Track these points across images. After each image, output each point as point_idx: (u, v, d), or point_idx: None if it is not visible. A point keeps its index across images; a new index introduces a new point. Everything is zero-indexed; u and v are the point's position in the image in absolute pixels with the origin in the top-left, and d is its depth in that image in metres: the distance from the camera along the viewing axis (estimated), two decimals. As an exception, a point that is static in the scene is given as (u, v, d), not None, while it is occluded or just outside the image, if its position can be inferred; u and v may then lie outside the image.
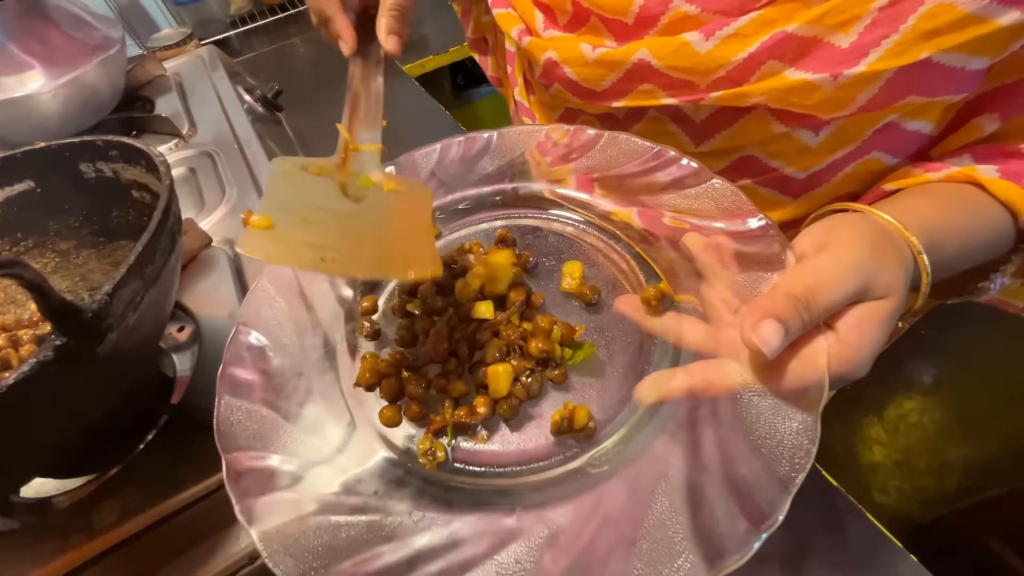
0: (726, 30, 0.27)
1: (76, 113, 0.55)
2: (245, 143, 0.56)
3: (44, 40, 0.51)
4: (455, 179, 0.35)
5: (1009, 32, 0.23)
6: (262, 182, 0.50)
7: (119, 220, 0.36)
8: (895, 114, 0.30)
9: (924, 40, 0.24)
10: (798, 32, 0.26)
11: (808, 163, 0.32)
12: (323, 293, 0.31)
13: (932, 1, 0.23)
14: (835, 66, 0.26)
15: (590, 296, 0.27)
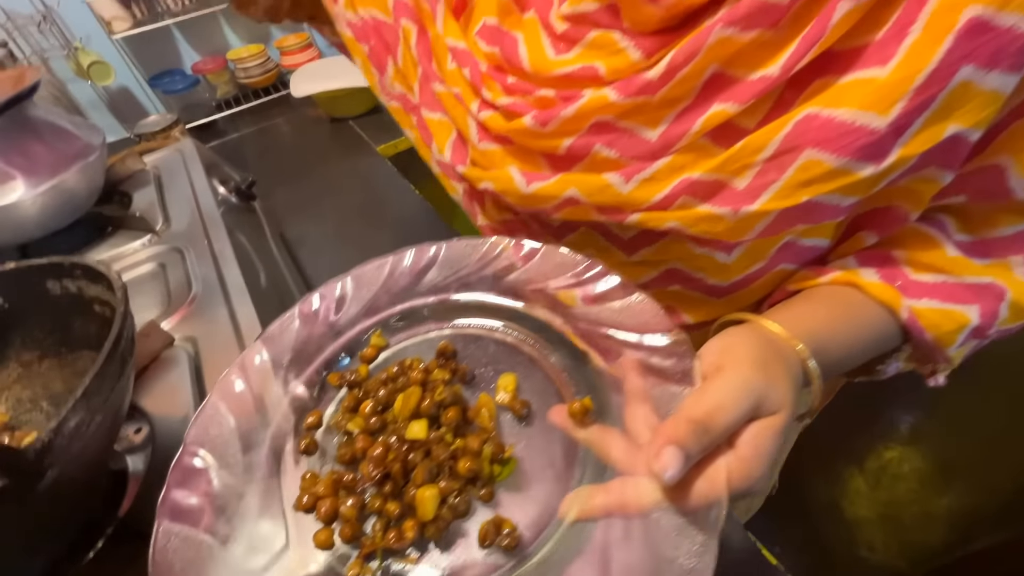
0: (643, 174, 0.31)
1: (54, 215, 0.59)
2: (214, 240, 0.59)
3: (26, 152, 0.55)
4: (405, 290, 0.37)
5: (870, 180, 0.27)
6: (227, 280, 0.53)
7: (81, 332, 0.39)
8: (791, 235, 0.34)
9: (802, 187, 0.28)
10: (703, 178, 0.30)
11: (726, 276, 0.36)
12: (278, 398, 0.33)
13: (805, 156, 0.27)
14: (735, 204, 0.29)
15: (520, 410, 0.29)
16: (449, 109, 0.40)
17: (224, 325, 0.48)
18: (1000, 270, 0.32)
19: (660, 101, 0.29)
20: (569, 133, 0.32)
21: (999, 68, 0.23)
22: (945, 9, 0.23)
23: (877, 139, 0.25)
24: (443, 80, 0.39)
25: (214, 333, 0.48)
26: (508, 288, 0.35)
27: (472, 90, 0.37)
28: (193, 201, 0.68)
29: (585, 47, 0.32)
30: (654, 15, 0.28)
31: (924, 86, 0.24)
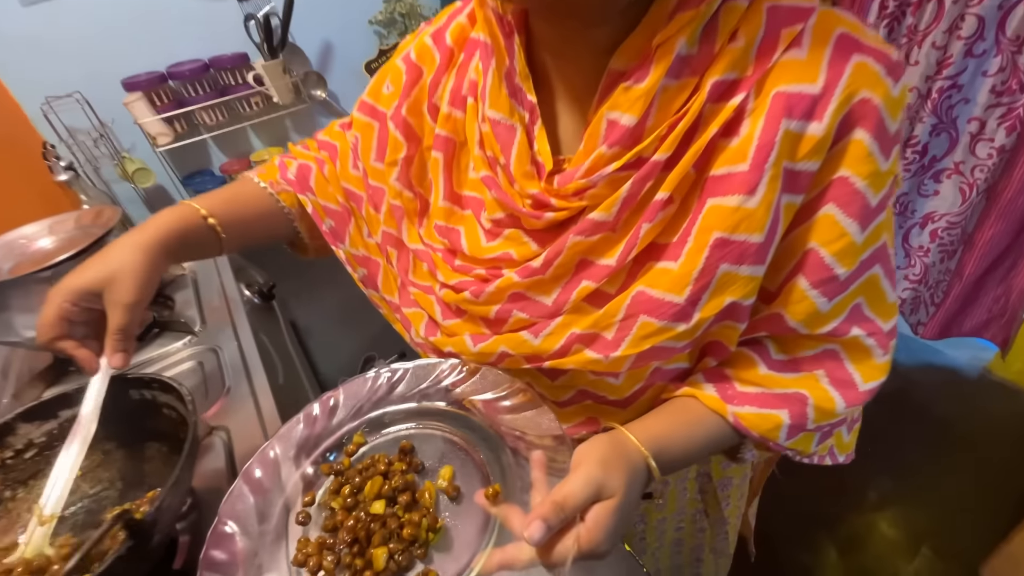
0: (546, 330, 0.44)
1: (116, 322, 0.74)
2: (243, 341, 0.73)
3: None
4: (381, 399, 0.51)
5: (686, 332, 0.40)
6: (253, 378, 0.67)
7: (150, 428, 0.52)
8: (656, 364, 0.46)
9: (644, 339, 0.41)
10: (584, 332, 0.43)
11: (620, 393, 0.48)
12: (285, 481, 0.46)
13: (641, 319, 0.40)
14: (606, 351, 0.42)
15: (452, 493, 0.42)
16: (421, 302, 0.52)
17: (251, 416, 0.62)
18: (808, 381, 0.44)
19: (549, 278, 0.43)
20: (494, 302, 0.46)
21: (746, 263, 0.38)
22: (703, 230, 0.38)
23: (680, 309, 0.39)
24: (415, 284, 0.52)
25: (243, 422, 0.61)
26: (454, 399, 0.49)
27: (431, 276, 0.50)
28: (225, 304, 0.83)
29: (503, 239, 0.46)
30: (537, 225, 0.43)
31: (699, 277, 0.38)
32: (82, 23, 1.33)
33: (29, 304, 0.66)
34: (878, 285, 0.42)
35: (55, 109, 1.28)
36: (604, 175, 0.38)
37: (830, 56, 0.35)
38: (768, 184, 0.35)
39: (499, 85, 0.42)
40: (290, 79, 1.54)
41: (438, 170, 0.49)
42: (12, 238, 0.74)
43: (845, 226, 0.37)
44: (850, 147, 0.36)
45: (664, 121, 0.36)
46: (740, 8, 0.35)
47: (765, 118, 0.35)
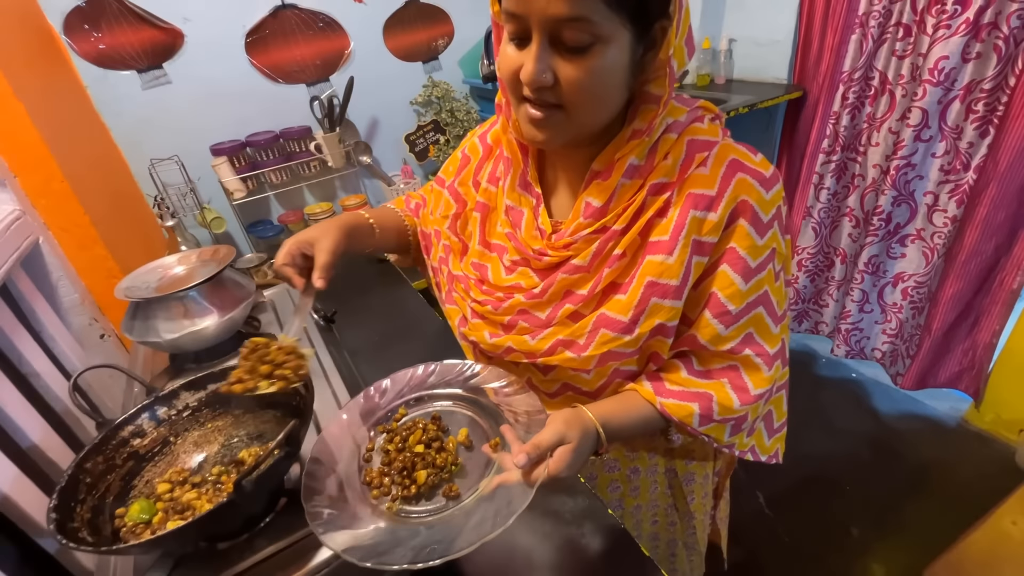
0: (539, 335, 0.63)
1: (222, 335, 0.96)
2: (318, 352, 0.95)
3: (220, 297, 0.94)
4: (418, 386, 0.71)
5: (631, 342, 0.59)
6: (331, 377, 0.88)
7: (270, 399, 0.73)
8: (616, 365, 0.62)
9: (604, 344, 0.59)
10: (564, 338, 0.61)
11: (591, 386, 0.65)
12: (353, 434, 0.66)
13: (601, 331, 0.59)
14: (578, 352, 0.61)
15: (467, 443, 0.62)
16: (459, 303, 0.73)
17: (330, 402, 0.83)
18: (715, 386, 0.62)
19: (545, 301, 0.63)
20: (508, 314, 0.66)
21: (668, 298, 0.58)
22: (641, 275, 0.58)
23: (626, 325, 0.59)
24: (455, 291, 0.73)
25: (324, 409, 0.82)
26: (470, 387, 0.70)
27: (466, 294, 0.71)
28: (300, 325, 1.06)
29: (517, 274, 0.66)
30: (540, 266, 0.64)
31: (637, 304, 0.58)
32: (184, 102, 1.65)
33: (169, 315, 0.89)
34: (763, 321, 0.61)
35: (157, 169, 1.58)
36: (581, 235, 0.59)
37: (723, 173, 0.56)
38: (681, 248, 0.56)
39: (513, 184, 0.66)
40: (343, 147, 1.84)
41: (476, 225, 0.71)
42: (154, 266, 0.98)
43: (734, 279, 0.58)
44: (736, 230, 0.57)
45: (620, 205, 0.58)
46: (671, 139, 0.58)
47: (681, 208, 0.56)
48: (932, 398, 2.01)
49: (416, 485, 0.57)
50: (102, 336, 1.11)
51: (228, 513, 0.52)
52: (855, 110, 1.88)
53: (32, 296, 0.94)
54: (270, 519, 0.63)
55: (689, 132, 0.58)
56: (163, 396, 0.70)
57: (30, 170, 1.02)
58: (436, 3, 1.94)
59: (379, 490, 0.58)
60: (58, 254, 1.05)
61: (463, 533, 0.50)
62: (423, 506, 0.57)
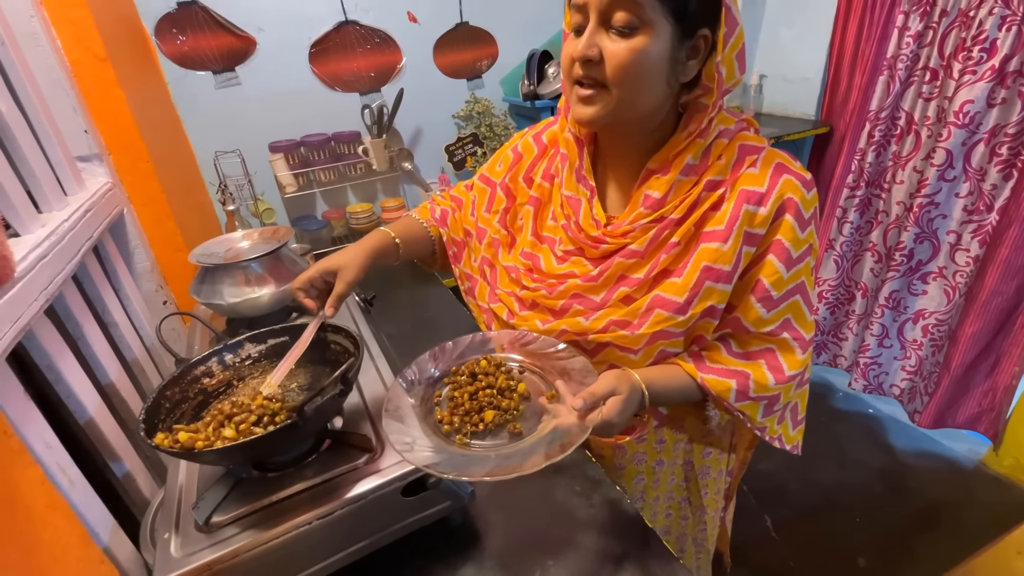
0: (592, 316, 0.70)
1: (275, 304, 1.06)
2: (361, 327, 1.04)
3: (276, 269, 1.05)
4: (477, 347, 0.78)
5: (683, 322, 0.66)
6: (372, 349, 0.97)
7: (321, 356, 0.82)
8: (663, 346, 0.68)
9: (657, 323, 0.66)
10: (618, 319, 0.68)
11: (637, 367, 0.68)
12: (419, 383, 0.74)
13: (656, 312, 0.66)
14: (632, 330, 0.67)
15: (527, 395, 0.68)
16: (504, 300, 0.80)
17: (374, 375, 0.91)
18: (752, 365, 0.68)
19: (600, 284, 0.70)
20: (562, 298, 0.73)
21: (721, 282, 0.65)
22: (696, 261, 0.65)
23: (681, 305, 0.65)
24: (501, 289, 0.80)
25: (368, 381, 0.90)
26: (526, 351, 0.77)
27: (515, 283, 0.78)
28: (346, 304, 1.15)
29: (569, 263, 0.74)
30: (595, 254, 0.71)
31: (693, 287, 0.65)
32: (250, 102, 1.80)
33: (234, 281, 1.00)
34: (800, 308, 0.67)
35: (220, 160, 1.73)
36: (640, 224, 0.67)
37: (771, 173, 0.64)
38: (734, 238, 0.63)
39: (571, 176, 0.73)
40: (388, 153, 1.97)
41: (528, 218, 0.78)
42: (223, 239, 1.09)
43: (778, 267, 0.64)
44: (782, 223, 0.64)
45: (678, 197, 0.65)
46: (723, 143, 0.65)
47: (735, 202, 0.63)
48: (949, 438, 1.99)
49: (484, 423, 0.63)
50: (164, 302, 1.23)
51: (289, 435, 0.61)
52: (880, 148, 1.93)
53: (115, 258, 1.06)
54: (315, 457, 0.72)
55: (739, 138, 0.66)
56: (231, 344, 0.79)
57: (122, 149, 1.15)
58: (484, 27, 2.08)
59: (449, 426, 0.64)
60: (137, 225, 1.18)
61: (528, 458, 0.56)
62: (490, 441, 0.62)
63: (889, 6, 1.87)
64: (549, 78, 1.82)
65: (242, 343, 0.80)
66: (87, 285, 0.92)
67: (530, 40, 2.05)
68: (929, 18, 1.71)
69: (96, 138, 1.08)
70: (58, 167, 0.95)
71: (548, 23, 2.10)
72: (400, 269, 1.79)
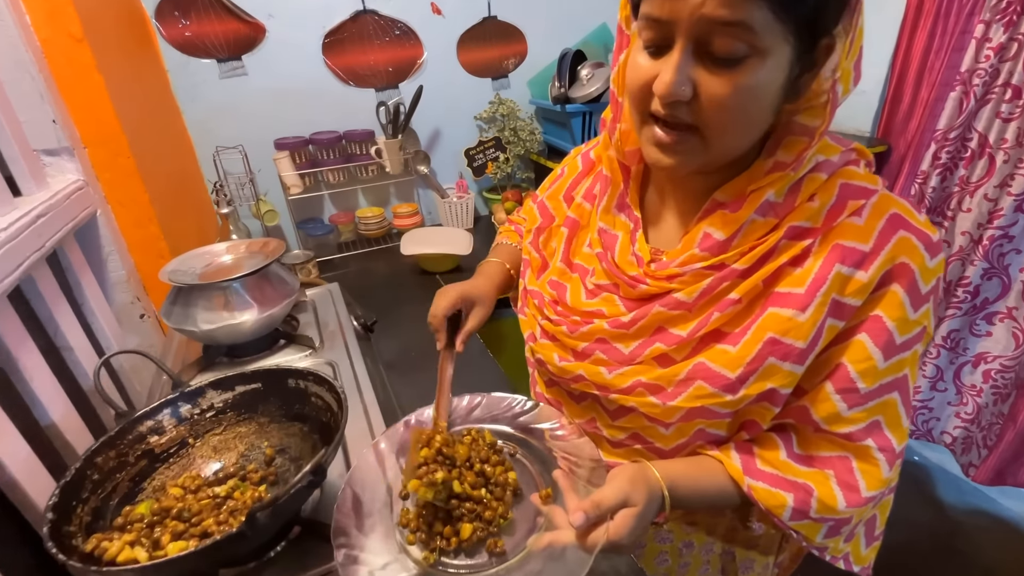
0: (616, 371, 0.57)
1: (259, 331, 0.92)
2: (355, 361, 0.90)
3: (262, 291, 0.91)
4: (461, 418, 0.66)
5: (732, 403, 0.51)
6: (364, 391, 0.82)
7: (298, 412, 0.67)
8: (702, 425, 0.56)
9: (697, 399, 0.52)
10: (647, 382, 0.54)
11: (667, 443, 0.59)
12: (390, 466, 0.60)
13: (697, 383, 0.52)
14: (664, 399, 0.53)
15: (516, 490, 0.55)
16: (529, 320, 0.68)
17: (361, 423, 0.76)
18: (818, 476, 0.53)
19: (631, 333, 0.56)
20: (584, 340, 0.59)
21: (789, 361, 0.50)
22: (760, 329, 0.50)
23: (731, 382, 0.51)
24: (527, 307, 0.69)
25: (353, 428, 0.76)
26: (518, 424, 0.62)
27: (539, 311, 0.66)
28: (339, 329, 1.01)
29: (600, 299, 0.60)
30: (632, 294, 0.57)
31: (750, 363, 0.50)
32: (256, 94, 1.67)
33: (209, 305, 0.86)
34: (895, 408, 0.51)
35: (221, 156, 1.59)
36: (692, 268, 0.52)
37: (881, 227, 0.48)
38: (817, 307, 0.48)
39: (609, 205, 0.60)
40: (403, 155, 1.82)
41: (561, 241, 0.66)
42: (202, 252, 0.95)
43: (872, 352, 0.48)
44: (887, 295, 0.48)
45: (746, 243, 0.51)
46: (820, 179, 0.50)
47: (824, 260, 0.48)
48: (1008, 497, 1.80)
49: (458, 539, 0.50)
50: (142, 316, 1.09)
51: (234, 544, 0.46)
52: (947, 171, 1.74)
53: (80, 268, 0.92)
54: (281, 548, 0.57)
55: (842, 175, 0.50)
56: (188, 393, 0.65)
57: (100, 143, 1.02)
58: (514, 22, 1.92)
59: (415, 535, 0.51)
60: (113, 228, 1.04)
61: None
62: (463, 560, 0.50)
63: (967, 14, 1.67)
64: (582, 80, 1.66)
65: (203, 391, 0.66)
66: (36, 303, 0.79)
67: (563, 38, 1.89)
68: (1015, 29, 1.51)
69: (68, 129, 0.94)
70: (12, 163, 0.81)
71: (583, 21, 1.94)
72: (408, 283, 1.64)
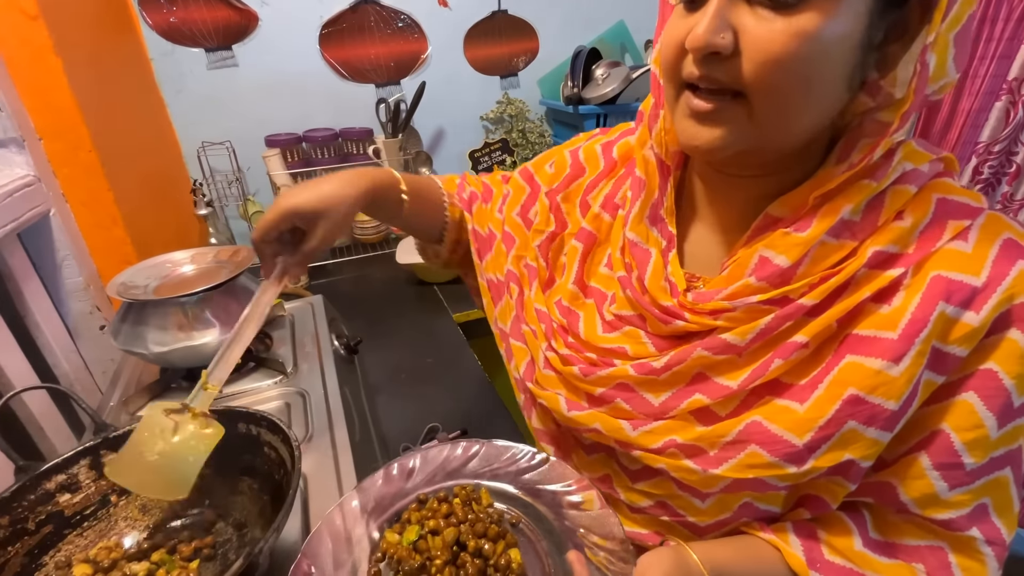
0: (645, 427, 0.45)
1: (224, 351, 0.80)
2: (329, 392, 0.78)
3: (226, 309, 0.79)
4: (455, 471, 0.54)
5: (794, 476, 0.40)
6: (336, 427, 0.70)
7: (248, 463, 0.56)
8: (749, 498, 0.45)
9: (749, 468, 0.41)
10: (685, 442, 0.43)
11: (702, 518, 0.46)
12: (360, 534, 0.48)
13: (751, 448, 0.40)
14: (705, 465, 0.42)
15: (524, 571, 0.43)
16: (529, 342, 0.56)
17: (328, 466, 0.64)
18: (904, 571, 0.42)
19: (663, 380, 0.44)
20: (602, 385, 0.47)
21: (875, 426, 0.38)
22: (837, 382, 0.38)
23: (797, 451, 0.39)
24: (527, 323, 0.56)
25: (320, 472, 0.64)
26: (523, 483, 0.50)
27: (544, 337, 0.53)
28: (316, 351, 0.89)
29: (622, 334, 0.49)
30: (663, 330, 0.45)
31: (825, 426, 0.38)
32: (247, 87, 1.56)
33: (163, 324, 0.74)
34: (1007, 489, 0.40)
35: (207, 152, 1.49)
36: (746, 303, 0.40)
37: (995, 255, 0.37)
38: (914, 358, 0.37)
39: (642, 212, 0.48)
40: (403, 156, 1.71)
41: (575, 257, 0.54)
42: (160, 261, 0.84)
43: (983, 417, 0.37)
44: (1004, 343, 0.37)
45: (815, 272, 0.39)
46: (909, 192, 0.38)
47: (922, 296, 0.37)
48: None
49: None
50: (102, 327, 0.98)
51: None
52: (989, 187, 1.60)
53: (22, 276, 0.81)
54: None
55: (936, 188, 0.39)
56: (113, 438, 0.53)
57: (57, 134, 0.91)
58: (525, 17, 1.81)
59: None
60: (71, 230, 0.93)
61: None
62: None
63: (1018, 19, 1.54)
64: (597, 80, 1.54)
65: (129, 437, 0.54)
66: (-43, 319, 0.68)
67: (577, 36, 1.78)
68: (1076, 33, 1.38)
69: (19, 118, 0.83)
70: (-62, 154, 0.70)
71: (600, 17, 1.83)
72: (402, 295, 1.53)
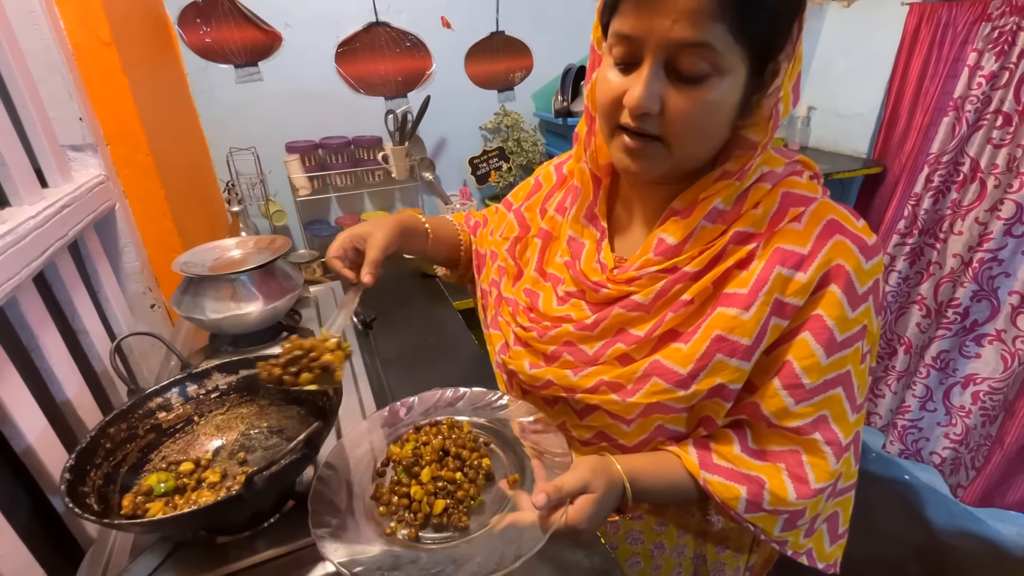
0: (582, 372, 0.59)
1: (264, 322, 0.97)
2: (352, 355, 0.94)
3: (268, 284, 0.95)
4: (445, 408, 0.69)
5: (685, 397, 0.54)
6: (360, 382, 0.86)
7: (296, 395, 0.72)
8: (660, 420, 0.58)
9: (653, 394, 0.55)
10: (609, 380, 0.57)
11: (629, 440, 0.61)
12: (369, 447, 0.63)
13: (653, 380, 0.54)
14: (624, 396, 0.56)
15: (491, 472, 0.58)
16: (503, 328, 0.71)
17: (355, 410, 0.80)
18: (770, 470, 0.55)
19: (595, 335, 0.59)
20: (553, 343, 0.62)
21: (736, 358, 0.53)
22: (708, 327, 0.53)
23: (683, 378, 0.54)
24: (501, 315, 0.71)
25: (348, 413, 0.80)
26: (497, 419, 0.66)
27: (513, 319, 0.68)
28: (338, 325, 1.05)
29: (569, 305, 0.63)
30: (596, 298, 0.60)
31: (700, 358, 0.53)
32: (270, 99, 1.74)
33: (217, 295, 0.91)
34: (840, 403, 0.54)
35: (234, 157, 1.66)
36: (648, 272, 0.56)
37: (819, 232, 0.52)
38: (759, 306, 0.52)
39: (578, 215, 0.64)
40: (409, 161, 1.88)
41: (536, 251, 0.70)
42: (212, 246, 1.01)
43: (814, 349, 0.52)
44: (827, 295, 0.52)
45: (697, 247, 0.55)
46: (765, 188, 0.54)
47: (766, 262, 0.52)
48: (996, 519, 1.81)
49: (423, 513, 0.54)
50: (152, 306, 1.14)
51: (234, 507, 0.50)
52: (939, 194, 1.78)
53: (98, 257, 0.97)
54: (275, 520, 0.61)
55: (785, 184, 0.55)
56: (196, 374, 0.69)
57: (121, 140, 1.08)
58: (520, 37, 1.99)
59: (386, 508, 0.55)
60: (130, 221, 1.10)
61: (464, 567, 0.47)
62: (428, 533, 0.53)
63: (960, 43, 1.72)
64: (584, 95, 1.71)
65: (210, 373, 0.70)
66: (56, 287, 0.84)
67: (567, 54, 1.96)
68: (1006, 58, 1.56)
69: (93, 127, 1.00)
70: (41, 156, 0.87)
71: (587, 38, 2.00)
72: (408, 286, 1.69)
